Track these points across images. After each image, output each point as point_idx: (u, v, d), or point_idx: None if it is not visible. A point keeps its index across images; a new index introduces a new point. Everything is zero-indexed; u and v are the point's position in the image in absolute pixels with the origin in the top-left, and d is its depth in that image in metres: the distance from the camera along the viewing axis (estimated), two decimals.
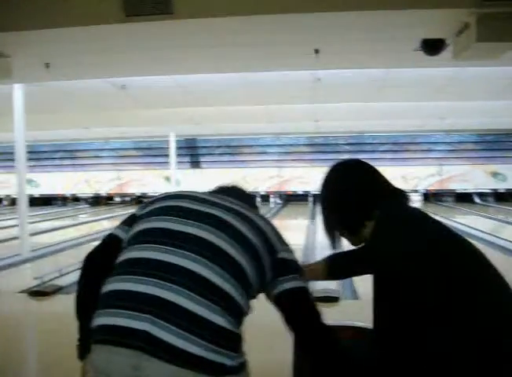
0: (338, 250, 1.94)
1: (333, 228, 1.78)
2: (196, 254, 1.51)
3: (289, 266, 1.61)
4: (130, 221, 1.72)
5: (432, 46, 5.73)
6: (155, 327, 1.39)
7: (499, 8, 4.56)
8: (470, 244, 1.58)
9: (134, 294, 1.46)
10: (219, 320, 1.43)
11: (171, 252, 1.51)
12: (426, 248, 1.46)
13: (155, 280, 1.46)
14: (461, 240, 1.57)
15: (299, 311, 1.59)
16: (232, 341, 1.45)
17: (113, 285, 1.52)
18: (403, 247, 1.48)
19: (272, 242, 1.61)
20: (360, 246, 1.81)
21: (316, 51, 6.22)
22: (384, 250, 1.51)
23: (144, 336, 1.38)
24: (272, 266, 1.58)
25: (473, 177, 20.98)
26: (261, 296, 1.64)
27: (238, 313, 1.49)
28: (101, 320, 1.49)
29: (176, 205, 1.65)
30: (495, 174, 21.23)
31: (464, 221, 12.70)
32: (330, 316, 1.77)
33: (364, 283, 1.85)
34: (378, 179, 1.73)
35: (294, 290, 1.58)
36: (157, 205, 1.69)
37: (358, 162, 1.78)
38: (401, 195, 1.70)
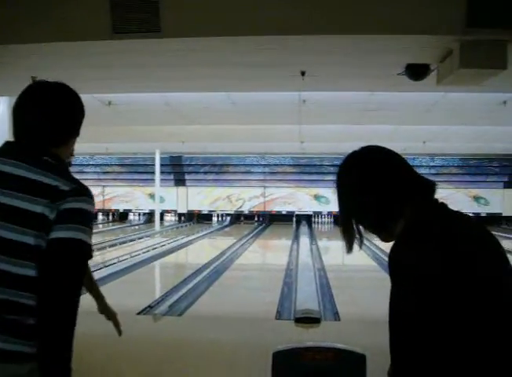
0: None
1: (352, 225, 1.55)
2: None
3: None
4: None
5: (416, 71, 5.81)
6: None
7: (483, 35, 4.64)
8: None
9: None
10: None
11: None
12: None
13: None
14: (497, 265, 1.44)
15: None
16: None
17: None
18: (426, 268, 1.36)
19: None
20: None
21: (303, 73, 6.28)
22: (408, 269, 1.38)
23: None
24: None
25: (456, 200, 21.17)
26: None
27: None
28: None
29: None
30: (477, 198, 21.45)
31: None
32: (312, 337, 1.77)
33: (346, 305, 1.83)
34: (407, 170, 1.53)
35: None
36: None
37: (384, 149, 1.56)
38: (432, 190, 1.52)
